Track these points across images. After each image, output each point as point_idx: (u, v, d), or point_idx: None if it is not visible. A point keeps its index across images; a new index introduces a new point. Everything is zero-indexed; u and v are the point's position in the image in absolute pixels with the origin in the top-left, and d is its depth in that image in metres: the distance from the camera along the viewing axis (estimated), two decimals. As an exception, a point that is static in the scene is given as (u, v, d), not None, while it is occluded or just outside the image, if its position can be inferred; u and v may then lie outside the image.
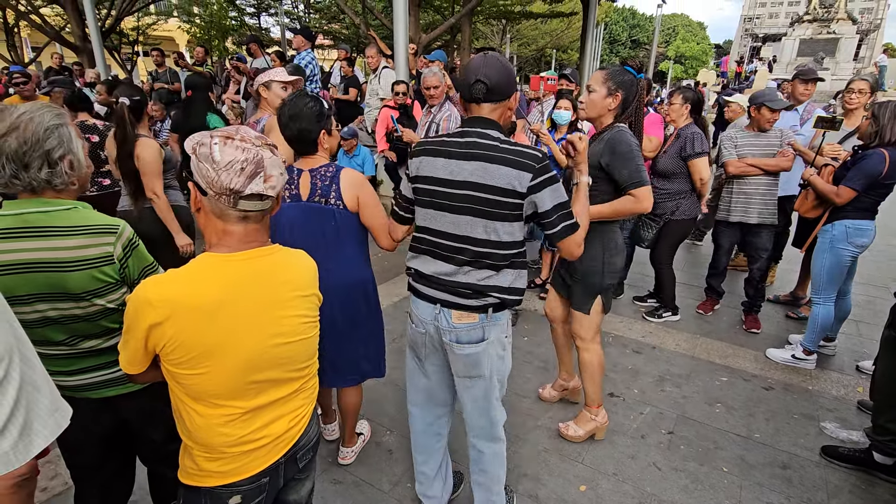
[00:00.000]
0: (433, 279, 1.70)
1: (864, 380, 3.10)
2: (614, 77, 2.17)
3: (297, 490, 1.36)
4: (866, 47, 29.63)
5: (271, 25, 21.46)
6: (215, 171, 1.02)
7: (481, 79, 1.56)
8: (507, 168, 1.54)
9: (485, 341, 1.70)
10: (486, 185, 1.56)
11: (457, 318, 1.69)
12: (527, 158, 1.54)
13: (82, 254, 1.33)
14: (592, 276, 2.31)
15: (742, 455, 2.47)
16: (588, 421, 2.52)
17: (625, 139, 2.13)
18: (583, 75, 9.76)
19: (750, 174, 3.51)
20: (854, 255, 3.01)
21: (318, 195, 1.91)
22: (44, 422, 0.84)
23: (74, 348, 1.43)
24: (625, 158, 2.12)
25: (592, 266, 2.29)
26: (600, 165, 2.18)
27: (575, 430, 2.53)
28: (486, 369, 1.74)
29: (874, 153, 2.80)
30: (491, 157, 1.55)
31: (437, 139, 1.67)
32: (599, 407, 2.52)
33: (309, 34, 6.05)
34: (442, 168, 1.61)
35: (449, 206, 1.62)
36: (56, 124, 1.30)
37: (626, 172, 2.13)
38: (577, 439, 2.52)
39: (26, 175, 1.27)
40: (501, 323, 1.74)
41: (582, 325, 2.40)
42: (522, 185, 1.54)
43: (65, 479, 2.18)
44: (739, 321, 3.87)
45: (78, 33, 10.82)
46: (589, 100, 2.23)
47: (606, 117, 2.24)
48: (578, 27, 15.44)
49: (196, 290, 1.06)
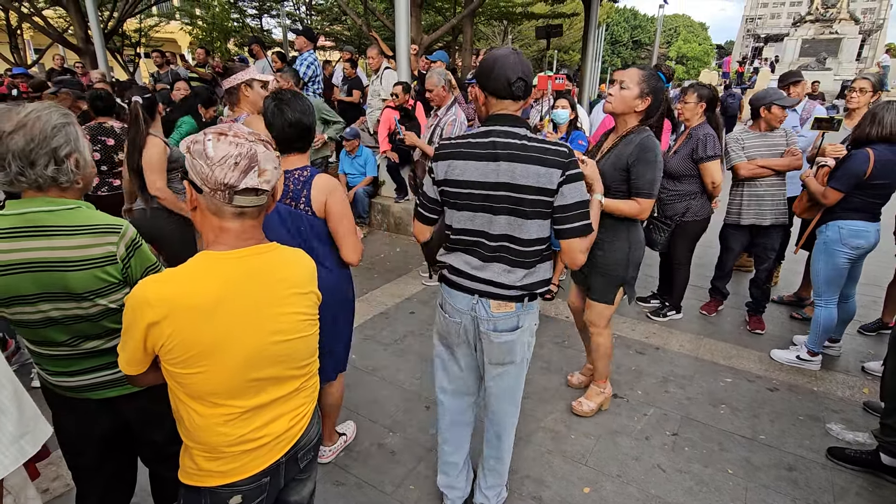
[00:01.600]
0: (471, 275, 1.73)
1: (870, 381, 3.07)
2: (649, 80, 2.18)
3: (299, 490, 1.35)
4: (869, 47, 29.57)
5: (273, 27, 21.48)
6: (209, 166, 1.02)
7: (522, 77, 1.58)
8: (537, 167, 1.56)
9: (519, 329, 1.77)
10: (519, 184, 1.57)
11: (496, 307, 1.73)
12: (555, 155, 1.57)
13: (85, 253, 1.32)
14: (617, 269, 2.40)
15: (747, 457, 2.45)
16: (597, 394, 2.73)
17: (654, 148, 2.17)
18: (584, 76, 9.74)
19: (761, 175, 3.46)
20: (850, 257, 2.95)
21: (289, 198, 1.90)
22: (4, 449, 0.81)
23: (76, 349, 1.42)
24: (650, 167, 2.17)
25: (618, 258, 2.38)
26: (627, 165, 2.21)
27: (587, 404, 2.72)
28: (519, 355, 1.81)
29: (858, 153, 2.78)
30: (520, 156, 1.57)
31: (461, 140, 1.67)
32: (606, 381, 2.74)
33: (311, 35, 6.05)
34: (473, 170, 1.62)
35: (486, 206, 1.64)
36: (63, 123, 1.31)
37: (644, 180, 2.19)
38: (589, 413, 2.71)
39: (32, 172, 1.28)
40: (534, 311, 1.81)
41: (600, 314, 2.54)
42: (553, 182, 1.56)
43: (66, 480, 2.18)
44: (743, 322, 3.85)
45: (80, 35, 10.85)
46: (619, 95, 2.22)
47: (630, 117, 2.25)
48: (580, 28, 15.42)
49: (194, 289, 1.05)
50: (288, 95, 1.89)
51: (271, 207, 1.18)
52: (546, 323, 3.81)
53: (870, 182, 2.77)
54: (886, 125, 2.71)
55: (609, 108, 2.29)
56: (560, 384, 3.02)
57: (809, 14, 22.69)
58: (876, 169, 2.72)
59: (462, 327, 1.81)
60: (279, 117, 1.86)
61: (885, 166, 2.72)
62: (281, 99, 1.87)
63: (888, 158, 2.72)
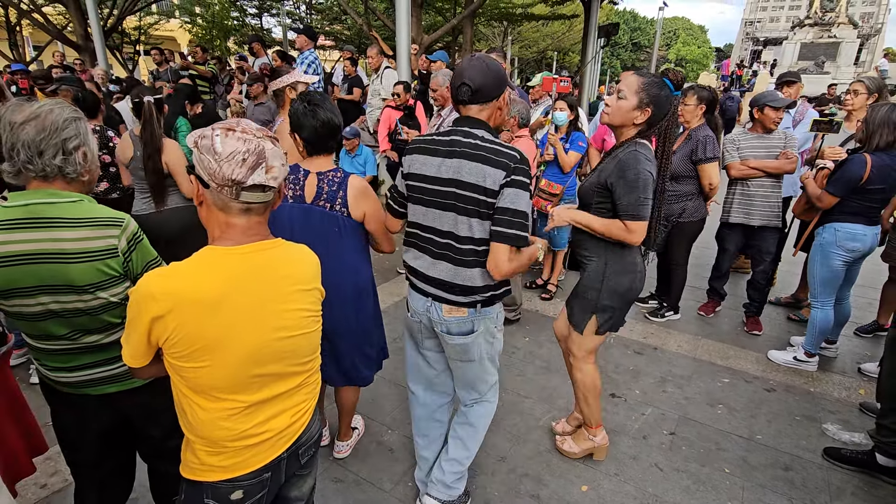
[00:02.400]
0: (423, 275, 1.78)
1: (867, 382, 3.09)
2: (648, 89, 1.92)
3: (299, 486, 1.35)
4: (867, 51, 29.69)
5: (273, 26, 21.48)
6: (217, 162, 1.02)
7: (466, 81, 1.62)
8: (483, 165, 1.57)
9: (474, 333, 1.78)
10: (464, 182, 1.60)
11: (447, 311, 1.76)
12: (503, 157, 1.57)
13: (86, 245, 1.33)
14: (589, 292, 2.12)
15: (744, 456, 2.46)
16: (585, 440, 2.40)
17: (636, 165, 1.89)
18: (584, 78, 9.79)
19: (751, 176, 3.50)
20: (846, 259, 2.97)
21: (324, 199, 1.90)
22: None
23: (76, 343, 1.43)
24: (630, 187, 1.89)
25: (591, 281, 2.12)
26: (606, 185, 1.98)
27: (570, 445, 2.44)
28: (476, 355, 1.83)
29: (855, 158, 2.80)
30: (470, 154, 1.60)
31: (429, 138, 1.73)
32: (598, 427, 2.36)
33: (312, 34, 6.05)
34: (430, 166, 1.67)
35: (434, 202, 1.68)
36: (74, 117, 1.37)
37: (625, 202, 1.91)
38: (572, 455, 2.42)
39: (40, 161, 1.31)
40: (491, 315, 1.80)
41: (574, 342, 2.24)
42: (496, 183, 1.57)
43: (65, 475, 2.18)
44: (741, 323, 3.86)
45: (80, 32, 10.85)
46: (616, 105, 1.97)
47: (629, 129, 2.01)
48: (580, 30, 15.46)
49: (198, 284, 1.05)
50: (317, 97, 1.88)
51: (277, 204, 1.19)
52: (544, 323, 3.82)
53: (867, 187, 2.78)
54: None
55: (605, 120, 2.05)
56: (559, 383, 3.03)
57: (808, 18, 22.77)
58: (873, 174, 2.74)
59: (422, 325, 1.89)
60: (311, 118, 1.84)
61: (882, 171, 2.74)
62: (310, 100, 1.86)
63: (885, 164, 2.73)
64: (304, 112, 1.84)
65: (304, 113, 1.84)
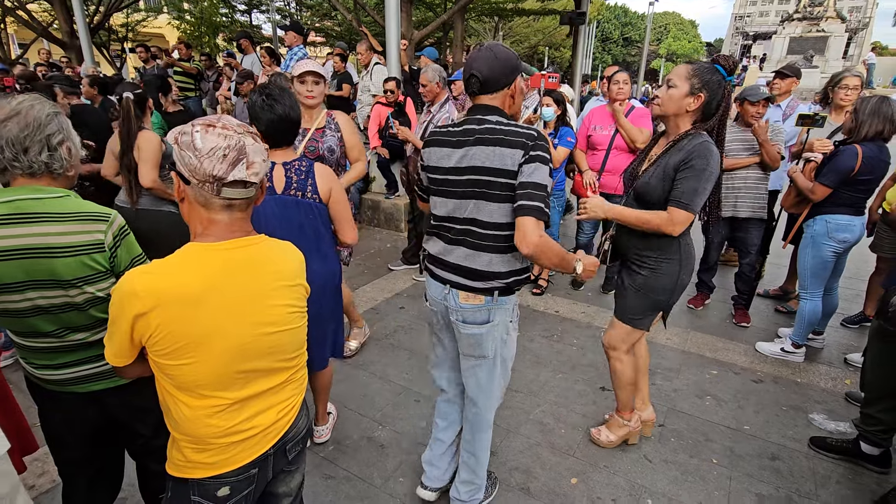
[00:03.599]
0: (442, 261, 1.76)
1: (852, 372, 3.13)
2: (701, 75, 1.90)
3: (287, 482, 1.35)
4: (855, 45, 29.92)
5: (262, 22, 21.30)
6: (197, 158, 1.02)
7: (474, 73, 1.61)
8: (501, 148, 1.57)
9: (489, 323, 1.75)
10: (483, 167, 1.59)
11: (463, 298, 1.73)
12: (520, 137, 1.56)
13: (73, 240, 1.33)
14: (663, 294, 2.11)
15: (732, 447, 2.49)
16: (620, 426, 2.44)
17: (708, 156, 1.86)
18: (575, 72, 9.79)
19: (735, 167, 3.55)
20: (836, 250, 3.02)
21: (294, 188, 1.93)
22: None
23: (63, 340, 1.42)
24: (696, 175, 1.86)
25: (665, 283, 2.08)
26: (675, 174, 1.93)
27: (607, 435, 2.46)
28: (490, 350, 1.79)
29: (847, 149, 2.83)
30: (486, 139, 1.59)
31: (442, 129, 1.74)
32: (632, 412, 2.42)
33: (300, 30, 6.02)
34: (445, 156, 1.68)
35: (453, 191, 1.68)
36: (56, 112, 1.38)
37: (682, 188, 1.89)
38: (610, 445, 2.45)
39: (26, 158, 1.31)
40: (507, 307, 1.77)
41: (622, 339, 2.25)
42: (515, 163, 1.56)
43: (52, 476, 2.17)
44: (730, 315, 3.90)
45: (66, 29, 10.71)
46: (667, 95, 1.96)
47: (683, 119, 1.98)
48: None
49: (181, 280, 1.05)
50: (276, 90, 1.88)
51: (260, 200, 1.18)
52: (535, 317, 3.84)
53: (857, 178, 2.82)
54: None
55: (657, 111, 2.04)
56: (548, 378, 3.05)
57: (797, 12, 22.93)
58: (863, 165, 2.77)
59: (439, 315, 1.87)
60: (268, 112, 1.85)
61: (871, 161, 2.78)
62: (269, 94, 1.86)
63: (874, 154, 2.78)
64: (262, 106, 1.84)
65: (261, 106, 1.85)
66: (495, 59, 1.60)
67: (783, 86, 4.25)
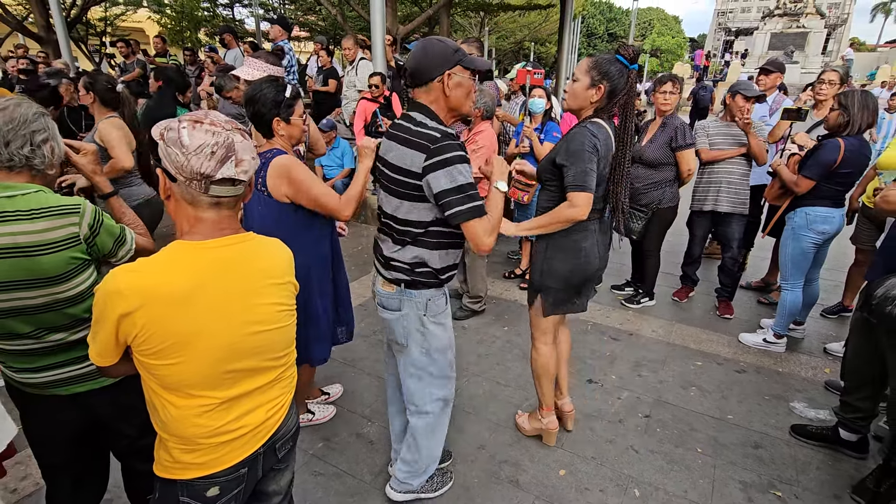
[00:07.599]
0: (375, 249, 1.89)
1: (832, 361, 3.21)
2: (599, 66, 1.97)
3: (277, 480, 1.35)
4: (834, 41, 30.42)
5: (245, 17, 20.97)
6: (185, 155, 1.00)
7: (406, 66, 1.67)
8: (406, 148, 1.61)
9: (399, 312, 1.82)
10: (393, 164, 1.66)
11: (381, 284, 1.85)
12: (423, 139, 1.58)
13: (48, 237, 1.31)
14: (533, 273, 2.25)
15: (715, 436, 2.54)
16: (536, 420, 2.48)
17: (581, 137, 1.94)
18: (560, 68, 9.81)
19: (717, 158, 3.61)
20: (816, 241, 3.08)
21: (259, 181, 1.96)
22: None
23: (41, 341, 1.39)
24: (575, 158, 1.93)
25: (536, 262, 2.22)
26: (556, 163, 2.01)
27: (524, 421, 2.55)
28: (402, 338, 1.85)
29: (829, 143, 2.89)
30: (400, 137, 1.64)
31: (396, 123, 1.76)
32: (548, 410, 2.41)
33: (286, 24, 5.95)
34: (384, 150, 1.75)
35: (383, 185, 1.76)
36: (42, 112, 1.39)
37: (570, 174, 1.94)
38: (522, 431, 2.53)
39: (6, 151, 1.31)
40: (418, 300, 1.78)
41: (531, 322, 2.34)
42: (416, 165, 1.59)
43: (35, 479, 2.13)
44: (713, 307, 3.96)
45: (41, 23, 10.41)
46: (571, 90, 2.05)
47: (587, 110, 2.05)
48: (556, 20, 15.49)
49: (168, 279, 1.04)
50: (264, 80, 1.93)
51: (248, 197, 1.17)
52: (522, 312, 3.86)
53: (837, 171, 2.88)
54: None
55: (566, 106, 2.14)
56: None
57: (778, 8, 23.22)
58: (845, 158, 2.83)
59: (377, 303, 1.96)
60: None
61: (852, 155, 2.84)
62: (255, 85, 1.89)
63: (856, 148, 2.84)
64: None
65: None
66: (423, 51, 1.64)
67: (768, 81, 4.31)
